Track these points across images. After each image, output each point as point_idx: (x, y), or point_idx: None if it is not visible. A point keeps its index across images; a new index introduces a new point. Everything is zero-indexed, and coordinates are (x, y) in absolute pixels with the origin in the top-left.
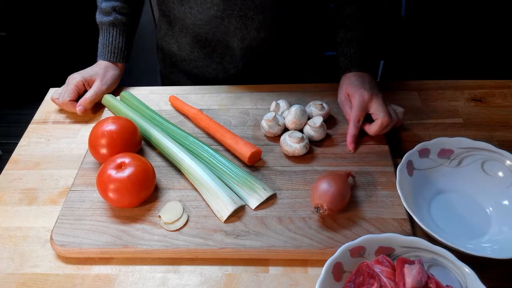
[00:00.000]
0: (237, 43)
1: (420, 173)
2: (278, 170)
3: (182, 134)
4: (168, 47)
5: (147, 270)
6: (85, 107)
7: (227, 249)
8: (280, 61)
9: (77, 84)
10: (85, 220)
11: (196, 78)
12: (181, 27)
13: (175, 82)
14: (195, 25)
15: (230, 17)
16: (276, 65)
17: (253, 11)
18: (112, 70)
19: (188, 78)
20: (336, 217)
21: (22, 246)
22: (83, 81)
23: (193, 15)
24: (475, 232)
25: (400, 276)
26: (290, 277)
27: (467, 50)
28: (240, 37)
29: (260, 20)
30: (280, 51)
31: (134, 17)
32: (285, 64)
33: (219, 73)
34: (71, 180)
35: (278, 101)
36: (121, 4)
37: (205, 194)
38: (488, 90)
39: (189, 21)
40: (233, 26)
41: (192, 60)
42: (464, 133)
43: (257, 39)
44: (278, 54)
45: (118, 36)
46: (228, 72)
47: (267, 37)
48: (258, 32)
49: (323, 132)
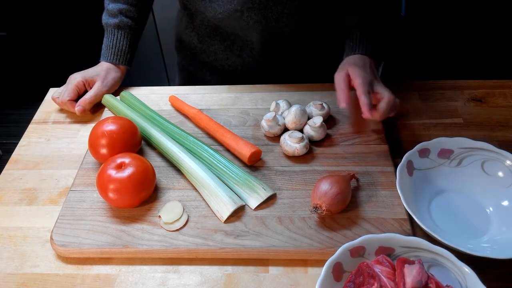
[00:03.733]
0: (257, 36)
1: (420, 173)
2: (278, 170)
3: (182, 134)
4: (189, 39)
5: (147, 270)
6: (84, 108)
7: (227, 249)
8: (298, 55)
9: (77, 84)
10: (85, 220)
11: (216, 69)
12: (202, 20)
13: (194, 74)
14: (215, 19)
15: (249, 10)
16: (293, 58)
17: (272, 2)
18: (113, 72)
19: (207, 69)
20: (336, 217)
21: (22, 246)
22: (84, 81)
23: (213, 9)
24: (475, 232)
25: (400, 276)
26: (290, 277)
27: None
28: (260, 30)
29: (279, 11)
30: (298, 44)
31: (140, 22)
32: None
33: (238, 65)
34: (71, 180)
35: (278, 101)
36: (128, 7)
37: (205, 194)
38: (488, 90)
39: (209, 15)
40: (253, 20)
41: (212, 53)
42: (464, 133)
43: (276, 31)
44: (296, 47)
45: (122, 39)
46: (247, 65)
47: (286, 28)
48: (277, 23)
49: (323, 132)
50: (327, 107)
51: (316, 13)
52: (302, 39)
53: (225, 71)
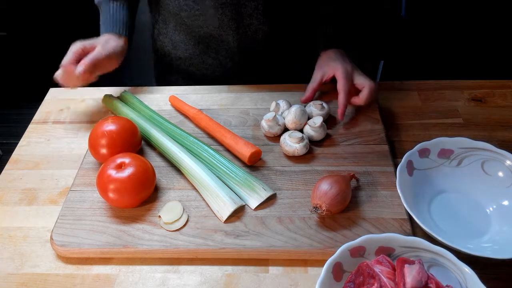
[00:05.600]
0: (232, 34)
1: (420, 173)
2: (278, 170)
3: (182, 134)
4: (162, 46)
5: (147, 270)
6: (85, 68)
7: (227, 249)
8: (278, 56)
9: (75, 50)
10: (85, 220)
11: (193, 76)
12: (176, 23)
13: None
14: (189, 18)
15: (223, 7)
16: (273, 60)
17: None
18: (113, 41)
19: (184, 78)
20: (336, 217)
21: (22, 246)
22: (83, 48)
23: (188, 6)
24: (475, 232)
25: (400, 276)
26: (290, 277)
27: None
28: (235, 28)
29: (253, 7)
30: (276, 44)
31: None
32: (283, 59)
33: (215, 68)
34: (71, 180)
35: (278, 101)
36: None
37: (205, 194)
38: (488, 90)
39: (183, 15)
40: (227, 17)
41: (187, 58)
42: (464, 133)
43: (251, 28)
44: (275, 47)
45: (118, 10)
46: (225, 67)
47: (261, 26)
48: (252, 19)
49: (323, 132)
50: (327, 107)
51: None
52: (280, 41)
53: (203, 76)
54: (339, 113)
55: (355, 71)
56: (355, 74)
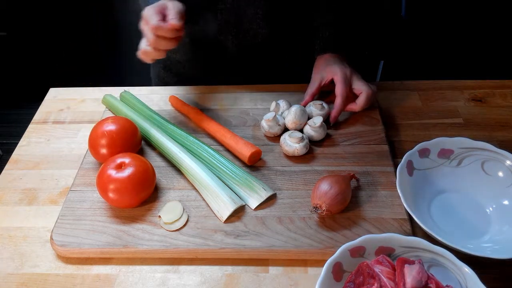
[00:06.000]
0: (231, 39)
1: (420, 173)
2: (278, 170)
3: (182, 134)
4: None
5: (147, 270)
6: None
7: (227, 249)
8: (277, 57)
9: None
10: (85, 220)
11: (192, 79)
12: None
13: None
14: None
15: (223, 12)
16: (273, 61)
17: (244, 2)
18: None
19: (182, 81)
20: (336, 217)
21: (22, 246)
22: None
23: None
24: (475, 232)
25: (400, 276)
26: (290, 277)
27: (467, 50)
28: (234, 32)
29: (253, 12)
30: (275, 46)
31: None
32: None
33: (215, 72)
34: (71, 180)
35: (278, 101)
36: None
37: (205, 194)
38: (488, 90)
39: None
40: (227, 22)
41: (187, 62)
42: (464, 133)
43: (250, 33)
44: (274, 49)
45: None
46: (224, 71)
47: (260, 30)
48: (251, 24)
49: (323, 132)
50: (327, 107)
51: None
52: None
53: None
54: (332, 116)
55: (354, 76)
56: (353, 78)
